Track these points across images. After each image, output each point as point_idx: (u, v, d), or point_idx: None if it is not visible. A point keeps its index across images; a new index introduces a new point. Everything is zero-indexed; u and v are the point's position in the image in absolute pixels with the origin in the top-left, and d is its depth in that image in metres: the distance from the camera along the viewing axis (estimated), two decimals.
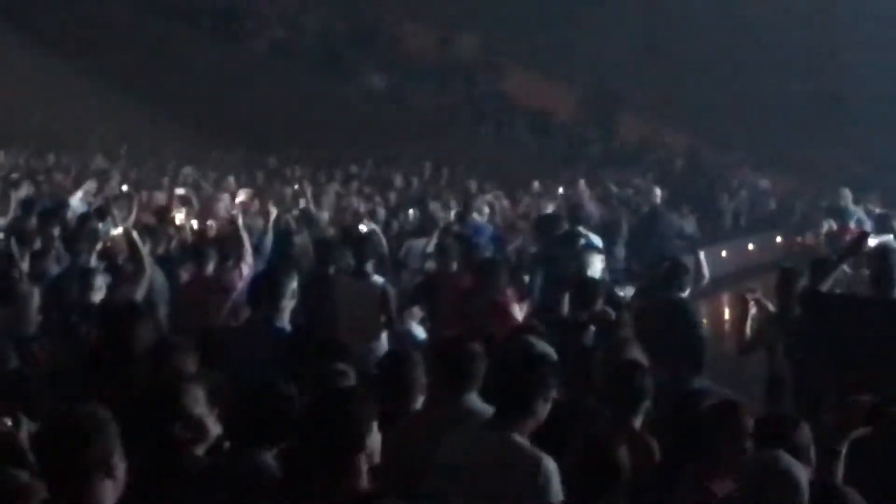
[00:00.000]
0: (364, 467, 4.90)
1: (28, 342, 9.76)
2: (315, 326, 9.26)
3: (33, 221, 14.45)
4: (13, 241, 12.57)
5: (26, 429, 6.07)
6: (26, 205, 15.92)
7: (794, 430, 5.61)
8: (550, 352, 7.22)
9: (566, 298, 9.89)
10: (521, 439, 5.82)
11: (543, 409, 5.92)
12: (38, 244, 13.20)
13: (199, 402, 5.50)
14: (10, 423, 6.11)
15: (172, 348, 7.08)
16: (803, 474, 4.96)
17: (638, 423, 6.71)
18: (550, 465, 5.69)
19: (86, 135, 26.11)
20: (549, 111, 32.11)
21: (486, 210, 18.29)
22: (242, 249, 11.82)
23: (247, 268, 11.57)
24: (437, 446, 5.92)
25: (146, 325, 8.30)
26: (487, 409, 6.10)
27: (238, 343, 8.46)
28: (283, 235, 14.27)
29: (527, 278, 12.88)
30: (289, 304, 8.58)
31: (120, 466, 4.28)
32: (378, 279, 11.25)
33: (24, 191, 17.79)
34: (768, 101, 28.70)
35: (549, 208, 18.05)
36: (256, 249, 12.89)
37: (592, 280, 10.70)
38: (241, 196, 17.68)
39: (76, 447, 4.21)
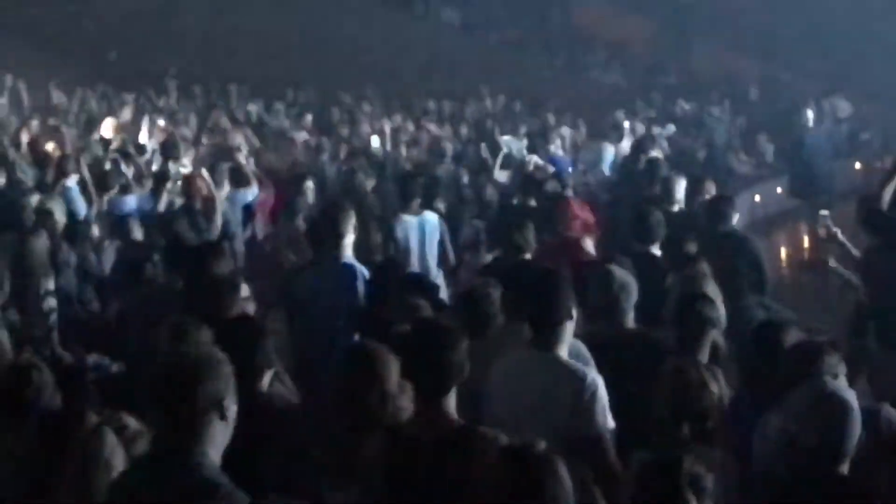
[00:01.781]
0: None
1: (107, 282, 9.97)
2: (393, 262, 9.40)
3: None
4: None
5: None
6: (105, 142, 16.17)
7: (826, 356, 5.62)
8: (631, 281, 7.29)
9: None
10: (565, 357, 5.89)
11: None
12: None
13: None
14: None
15: None
16: (853, 397, 4.95)
17: (704, 355, 6.72)
18: (598, 381, 5.74)
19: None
20: (622, 42, 31.85)
21: (559, 141, 18.29)
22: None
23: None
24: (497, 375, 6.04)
25: (227, 262, 8.44)
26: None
27: (306, 281, 8.57)
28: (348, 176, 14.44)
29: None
30: (350, 241, 8.65)
31: (232, 408, 4.30)
32: (431, 214, 11.31)
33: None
34: (844, 27, 28.25)
35: (626, 142, 17.94)
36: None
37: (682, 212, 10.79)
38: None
39: (193, 385, 4.22)
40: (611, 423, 5.79)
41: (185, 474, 4.19)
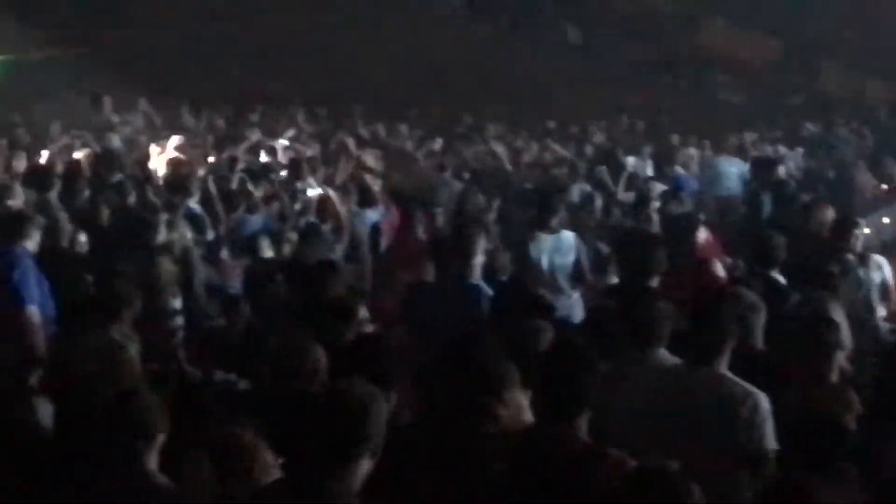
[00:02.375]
0: None
1: (234, 299, 10.07)
2: (518, 282, 9.35)
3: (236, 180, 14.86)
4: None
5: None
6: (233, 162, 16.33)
7: None
8: (759, 303, 7.23)
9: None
10: (730, 375, 5.85)
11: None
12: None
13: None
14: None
15: None
16: None
17: (833, 377, 6.62)
18: (766, 402, 5.70)
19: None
20: (747, 62, 31.54)
21: (685, 162, 18.14)
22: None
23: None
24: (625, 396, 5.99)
25: (340, 280, 8.49)
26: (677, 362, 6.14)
27: (430, 300, 8.57)
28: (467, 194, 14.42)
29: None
30: (479, 262, 8.64)
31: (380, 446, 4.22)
32: (567, 233, 11.23)
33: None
34: None
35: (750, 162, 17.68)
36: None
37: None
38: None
39: (361, 421, 4.16)
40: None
41: None
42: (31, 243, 9.98)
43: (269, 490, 4.56)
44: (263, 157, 18.03)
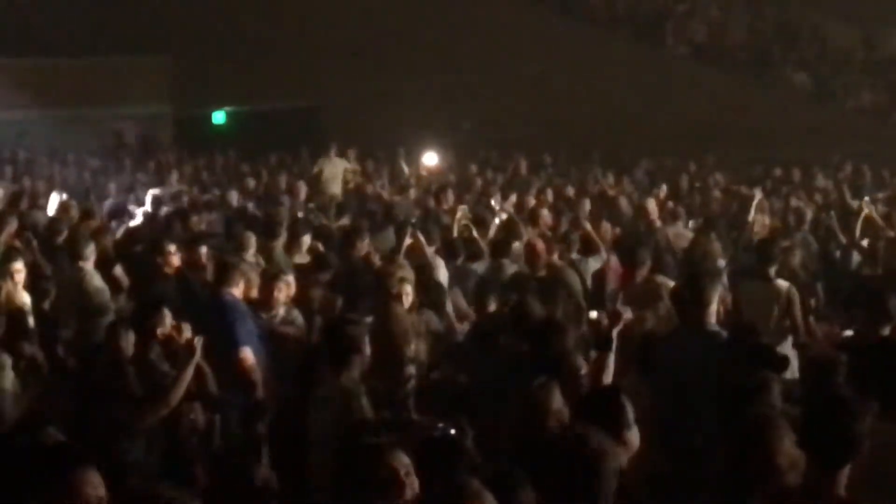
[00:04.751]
0: None
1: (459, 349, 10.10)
2: (746, 330, 9.17)
3: None
4: None
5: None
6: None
7: None
8: None
9: None
10: None
11: None
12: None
13: None
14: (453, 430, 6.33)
15: None
16: None
17: None
18: None
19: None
20: None
21: None
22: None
23: None
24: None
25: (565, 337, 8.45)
26: None
27: (671, 349, 8.46)
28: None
29: None
30: (714, 309, 8.53)
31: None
32: (782, 283, 11.01)
33: None
34: None
35: None
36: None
37: None
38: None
39: (589, 472, 4.40)
40: None
41: None
42: (237, 290, 10.22)
43: None
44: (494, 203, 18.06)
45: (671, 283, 10.67)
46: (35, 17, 31.56)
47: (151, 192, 19.54)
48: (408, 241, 13.23)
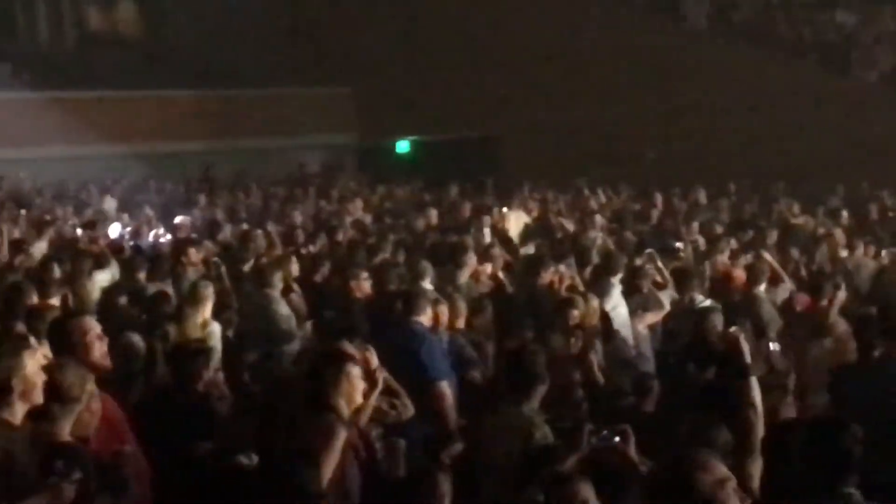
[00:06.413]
0: None
1: (647, 377, 9.98)
2: None
3: None
4: None
5: None
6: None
7: None
8: None
9: None
10: None
11: None
12: None
13: None
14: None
15: None
16: None
17: None
18: None
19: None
20: None
21: None
22: None
23: None
24: None
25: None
26: None
27: (859, 382, 8.27)
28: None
29: None
30: None
31: None
32: None
33: None
34: None
35: None
36: None
37: None
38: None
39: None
40: None
41: None
42: (426, 318, 10.19)
43: None
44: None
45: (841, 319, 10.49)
46: (221, 50, 32.32)
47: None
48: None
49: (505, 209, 20.42)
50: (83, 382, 6.25)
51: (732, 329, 7.86)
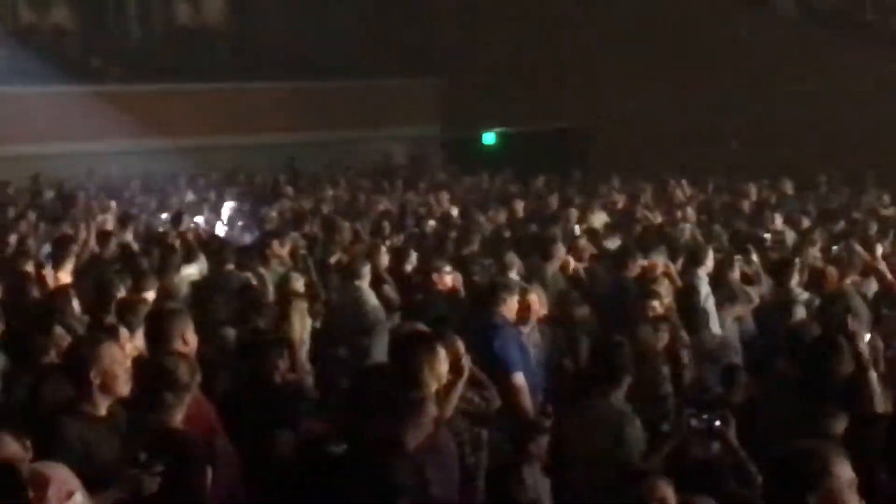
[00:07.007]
0: None
1: (735, 369, 9.89)
2: None
3: None
4: None
5: None
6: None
7: None
8: None
9: None
10: None
11: None
12: None
13: None
14: None
15: None
16: None
17: None
18: None
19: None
20: None
21: None
22: None
23: None
24: None
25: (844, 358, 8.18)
26: None
27: None
28: None
29: None
30: None
31: None
32: None
33: None
34: None
35: None
36: None
37: None
38: None
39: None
40: None
41: None
42: (507, 309, 10.12)
43: None
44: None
45: None
46: (308, 42, 32.44)
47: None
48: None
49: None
50: (193, 372, 6.42)
51: (850, 322, 7.82)
